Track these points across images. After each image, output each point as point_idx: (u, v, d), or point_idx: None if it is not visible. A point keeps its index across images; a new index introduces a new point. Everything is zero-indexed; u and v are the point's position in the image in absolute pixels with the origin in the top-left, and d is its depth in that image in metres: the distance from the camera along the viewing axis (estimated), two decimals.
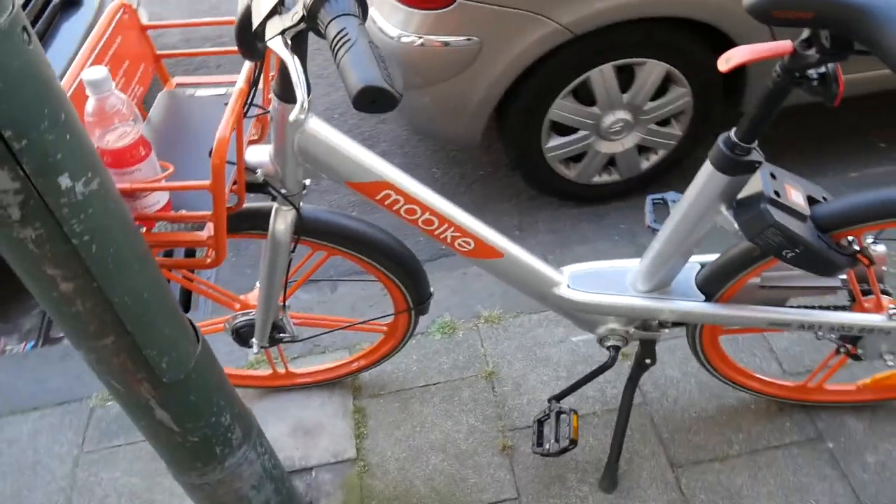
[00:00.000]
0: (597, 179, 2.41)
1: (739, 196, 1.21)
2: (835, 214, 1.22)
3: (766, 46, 0.99)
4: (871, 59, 0.95)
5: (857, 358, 1.48)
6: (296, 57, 0.80)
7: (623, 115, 2.21)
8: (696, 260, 1.44)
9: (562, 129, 2.25)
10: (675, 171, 2.44)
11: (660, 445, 1.69)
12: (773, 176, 1.21)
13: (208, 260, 1.16)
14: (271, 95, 1.09)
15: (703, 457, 1.67)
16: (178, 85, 1.37)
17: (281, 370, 1.82)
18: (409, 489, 1.66)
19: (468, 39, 1.97)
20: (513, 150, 2.32)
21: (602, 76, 2.11)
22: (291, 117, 0.80)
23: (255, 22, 0.84)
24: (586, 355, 1.88)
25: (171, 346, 1.08)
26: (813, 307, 1.42)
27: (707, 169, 1.19)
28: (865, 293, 1.41)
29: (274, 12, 0.82)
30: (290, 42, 0.81)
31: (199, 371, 1.15)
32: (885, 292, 1.40)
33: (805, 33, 0.99)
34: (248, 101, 1.07)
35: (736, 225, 1.21)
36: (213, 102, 1.31)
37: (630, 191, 2.46)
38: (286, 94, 1.07)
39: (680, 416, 1.74)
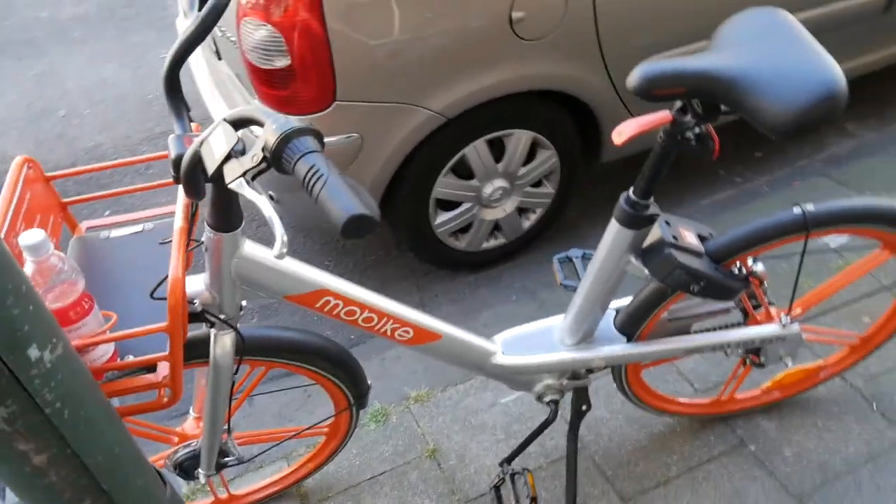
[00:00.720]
0: (485, 245, 2.54)
1: (644, 245, 1.36)
2: (723, 247, 1.39)
3: (649, 118, 1.15)
4: None
5: (760, 365, 1.66)
6: (262, 196, 0.85)
7: (500, 182, 2.36)
8: (612, 306, 1.57)
9: (447, 205, 2.37)
10: (555, 226, 2.62)
11: (607, 483, 1.79)
12: (668, 223, 1.36)
13: (165, 399, 1.14)
14: (205, 227, 1.12)
15: (647, 485, 1.78)
16: (89, 229, 1.35)
17: (223, 495, 1.77)
18: None
19: (348, 137, 2.05)
20: (404, 231, 2.41)
21: (476, 151, 2.25)
22: (275, 253, 0.83)
23: (211, 167, 0.88)
24: (519, 414, 1.96)
25: (145, 497, 1.05)
26: (715, 329, 1.59)
27: (614, 226, 1.32)
28: (755, 307, 1.60)
29: (230, 156, 0.86)
30: (251, 182, 0.85)
31: None
32: (770, 303, 1.60)
33: (679, 103, 1.15)
34: (189, 238, 1.09)
35: (647, 271, 1.35)
36: (132, 242, 1.31)
37: (517, 250, 2.61)
38: (221, 224, 1.09)
39: (617, 451, 1.85)
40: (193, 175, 0.92)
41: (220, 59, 2.35)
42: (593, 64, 2.18)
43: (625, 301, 1.56)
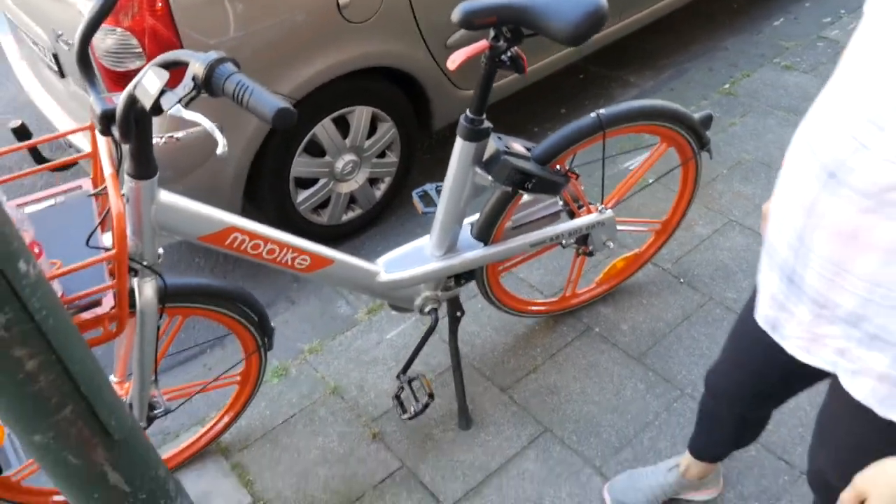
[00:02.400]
0: (345, 218, 2.80)
1: (484, 158, 1.69)
2: (544, 151, 1.75)
3: (473, 47, 1.48)
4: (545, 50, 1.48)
5: (590, 254, 2.05)
6: (198, 114, 1.07)
7: (350, 157, 2.63)
8: (467, 222, 1.89)
9: (306, 183, 2.61)
10: (404, 192, 2.92)
11: (487, 381, 2.11)
12: (499, 138, 1.70)
13: (112, 330, 1.31)
14: (126, 177, 1.30)
15: (520, 375, 2.12)
16: None
17: None
18: (313, 503, 1.86)
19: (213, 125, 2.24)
20: (270, 212, 2.61)
21: (325, 129, 2.51)
22: (219, 151, 1.05)
23: (148, 102, 1.08)
24: (403, 344, 2.24)
25: (114, 405, 1.22)
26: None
27: (459, 143, 1.64)
28: (578, 207, 1.99)
29: (163, 91, 1.07)
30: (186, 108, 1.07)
31: (134, 427, 1.29)
32: (589, 203, 2.00)
33: (493, 32, 1.49)
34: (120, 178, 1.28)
35: (490, 177, 1.68)
36: (48, 214, 1.45)
37: (374, 220, 2.89)
38: (141, 171, 1.29)
39: (491, 355, 2.18)
40: (128, 115, 1.13)
41: (63, 76, 2.45)
42: (413, 39, 2.52)
43: (476, 217, 1.89)
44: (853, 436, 1.09)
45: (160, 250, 1.47)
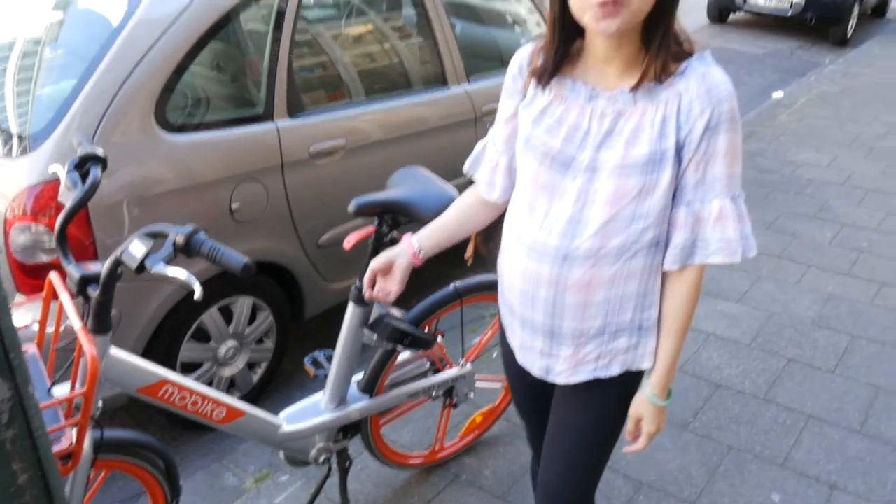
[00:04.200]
0: None
1: (370, 321, 2.08)
2: (416, 315, 2.19)
3: (362, 231, 1.93)
4: None
5: (455, 406, 2.44)
6: (177, 268, 1.40)
7: (232, 342, 2.92)
8: (355, 379, 2.24)
9: (191, 367, 2.83)
10: (277, 377, 3.19)
11: None
12: (381, 305, 2.12)
13: (68, 466, 1.50)
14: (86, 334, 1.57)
15: None
16: None
17: None
18: None
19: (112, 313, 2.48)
20: None
21: (211, 317, 2.81)
22: (196, 296, 1.36)
23: (133, 263, 1.40)
24: None
25: None
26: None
27: (350, 307, 2.04)
28: (443, 364, 2.40)
29: (147, 254, 1.40)
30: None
31: None
32: (451, 360, 2.42)
33: (377, 220, 1.96)
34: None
35: (374, 336, 2.07)
36: None
37: (251, 402, 3.10)
38: (100, 328, 1.57)
39: None
40: (111, 277, 1.44)
41: None
42: (291, 238, 2.95)
43: (361, 374, 2.24)
44: (585, 426, 1.56)
45: (100, 402, 1.69)
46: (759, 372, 3.11)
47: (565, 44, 1.38)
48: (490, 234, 1.77)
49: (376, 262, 1.64)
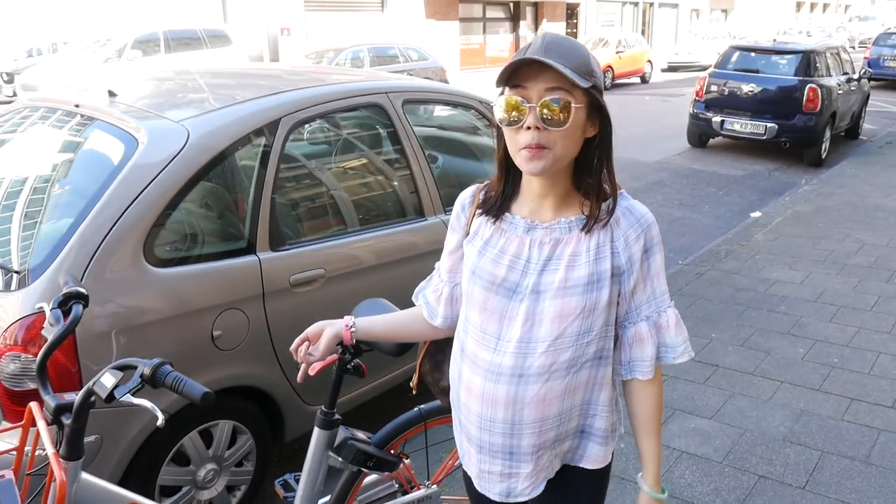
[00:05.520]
0: None
1: (336, 444, 2.19)
2: (382, 438, 2.29)
3: (328, 359, 2.07)
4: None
5: None
6: (143, 400, 1.54)
7: (212, 465, 2.99)
8: (321, 502, 2.31)
9: (170, 491, 2.90)
10: (255, 502, 3.24)
11: None
12: (346, 428, 2.23)
13: None
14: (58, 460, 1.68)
15: None
16: None
17: None
18: None
19: (90, 438, 2.58)
20: None
21: (191, 440, 2.90)
22: (158, 423, 1.49)
23: (104, 392, 1.54)
24: None
25: None
26: None
27: (315, 432, 2.15)
28: (410, 487, 2.48)
29: (116, 385, 1.54)
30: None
31: None
32: (418, 482, 2.50)
33: (340, 349, 2.11)
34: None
35: (340, 459, 2.17)
36: None
37: None
38: (73, 454, 1.69)
39: None
40: (83, 406, 1.57)
41: None
42: (271, 363, 3.09)
43: (328, 498, 2.32)
44: None
45: None
46: (730, 489, 3.15)
47: (513, 182, 1.58)
48: (436, 365, 1.92)
49: (310, 329, 1.83)
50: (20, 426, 1.82)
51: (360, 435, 2.25)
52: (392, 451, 2.34)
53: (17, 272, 2.57)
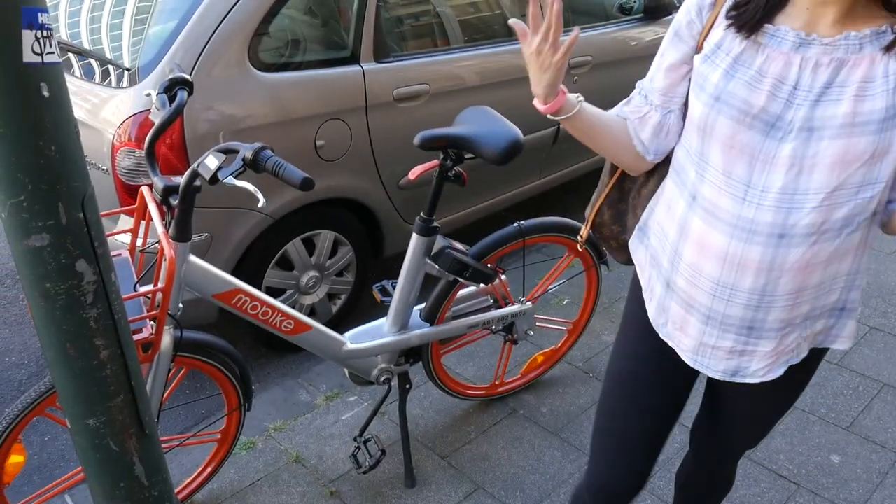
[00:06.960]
0: None
1: (433, 251, 2.19)
2: (479, 251, 2.27)
3: (428, 164, 2.02)
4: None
5: (515, 342, 2.52)
6: (246, 182, 1.55)
7: (314, 273, 3.10)
8: (417, 308, 2.36)
9: (274, 293, 3.04)
10: (356, 311, 3.37)
11: (429, 451, 2.48)
12: (444, 237, 2.21)
13: (147, 354, 1.69)
14: (168, 240, 1.74)
15: (457, 446, 2.50)
16: None
17: None
18: None
19: (200, 235, 2.70)
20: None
21: (295, 247, 2.99)
22: (259, 204, 1.51)
23: (208, 174, 1.55)
24: (357, 424, 2.60)
25: (146, 403, 1.57)
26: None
27: (414, 238, 2.15)
28: (504, 301, 2.49)
29: (219, 168, 1.55)
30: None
31: (155, 427, 1.64)
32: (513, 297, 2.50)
33: (442, 154, 2.05)
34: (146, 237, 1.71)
35: (437, 266, 2.17)
36: None
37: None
38: (181, 236, 1.74)
39: (433, 431, 2.56)
40: (189, 187, 1.60)
41: None
42: (372, 178, 3.09)
43: (424, 304, 2.36)
44: (774, 415, 1.53)
45: (180, 305, 1.88)
46: None
47: None
48: (618, 215, 1.57)
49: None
50: (133, 209, 1.88)
51: (458, 245, 2.23)
52: (489, 266, 2.33)
53: (127, 69, 2.60)
